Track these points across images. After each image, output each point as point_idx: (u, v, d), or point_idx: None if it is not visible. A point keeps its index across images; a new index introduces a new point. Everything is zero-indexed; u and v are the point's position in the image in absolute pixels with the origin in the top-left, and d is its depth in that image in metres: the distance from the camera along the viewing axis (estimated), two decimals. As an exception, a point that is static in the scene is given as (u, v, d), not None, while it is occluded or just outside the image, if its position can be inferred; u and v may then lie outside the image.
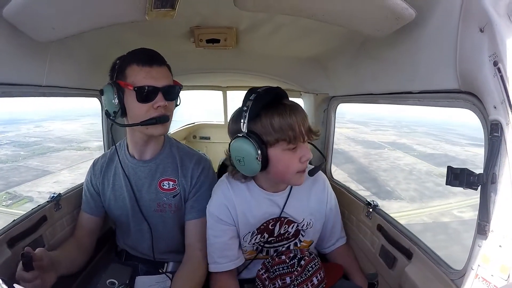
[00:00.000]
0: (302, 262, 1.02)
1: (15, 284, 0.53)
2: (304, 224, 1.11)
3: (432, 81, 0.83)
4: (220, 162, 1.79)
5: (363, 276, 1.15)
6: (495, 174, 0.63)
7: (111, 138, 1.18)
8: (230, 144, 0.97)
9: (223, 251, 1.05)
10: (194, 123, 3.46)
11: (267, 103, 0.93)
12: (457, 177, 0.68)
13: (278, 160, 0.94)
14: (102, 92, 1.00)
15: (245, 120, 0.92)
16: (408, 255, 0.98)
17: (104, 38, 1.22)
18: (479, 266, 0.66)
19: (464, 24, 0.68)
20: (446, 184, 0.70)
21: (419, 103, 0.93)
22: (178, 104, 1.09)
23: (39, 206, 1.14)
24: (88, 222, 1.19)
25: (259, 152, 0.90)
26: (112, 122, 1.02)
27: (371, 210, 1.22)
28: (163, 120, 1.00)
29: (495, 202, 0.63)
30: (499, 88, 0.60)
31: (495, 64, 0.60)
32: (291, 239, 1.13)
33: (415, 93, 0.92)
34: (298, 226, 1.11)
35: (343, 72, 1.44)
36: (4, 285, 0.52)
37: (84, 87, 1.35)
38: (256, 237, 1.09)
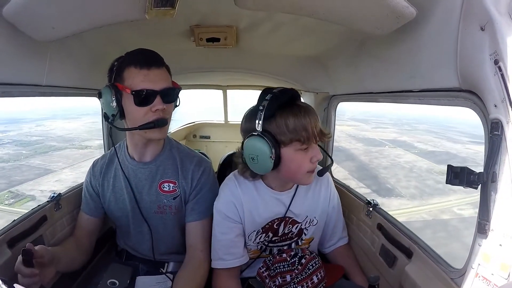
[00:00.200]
0: (303, 261, 1.02)
1: (15, 284, 0.53)
2: (307, 221, 1.12)
3: (432, 79, 0.83)
4: (221, 161, 1.80)
5: (364, 276, 1.15)
6: (495, 173, 0.63)
7: (111, 140, 1.17)
8: (243, 142, 0.98)
9: (229, 248, 1.06)
10: (194, 122, 3.46)
11: (282, 103, 0.94)
12: (457, 176, 0.68)
13: (290, 160, 0.95)
14: (100, 95, 0.99)
15: (260, 119, 0.93)
16: (408, 254, 0.98)
17: (104, 37, 1.22)
18: (479, 265, 0.66)
19: (465, 22, 0.67)
20: (446, 183, 0.70)
21: (420, 102, 0.93)
22: (178, 105, 1.08)
23: (39, 206, 1.14)
24: (88, 223, 1.19)
25: (273, 151, 0.91)
26: (111, 125, 1.01)
27: (371, 209, 1.22)
28: (161, 123, 0.99)
29: (495, 201, 0.63)
30: (499, 86, 0.60)
31: (496, 62, 0.60)
32: (294, 239, 1.14)
33: (415, 91, 0.91)
34: (301, 225, 1.12)
35: (344, 71, 1.43)
36: (4, 285, 0.52)
37: (84, 86, 1.35)
38: (261, 236, 1.10)
